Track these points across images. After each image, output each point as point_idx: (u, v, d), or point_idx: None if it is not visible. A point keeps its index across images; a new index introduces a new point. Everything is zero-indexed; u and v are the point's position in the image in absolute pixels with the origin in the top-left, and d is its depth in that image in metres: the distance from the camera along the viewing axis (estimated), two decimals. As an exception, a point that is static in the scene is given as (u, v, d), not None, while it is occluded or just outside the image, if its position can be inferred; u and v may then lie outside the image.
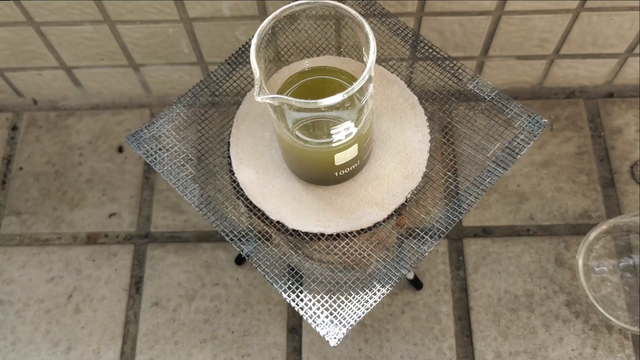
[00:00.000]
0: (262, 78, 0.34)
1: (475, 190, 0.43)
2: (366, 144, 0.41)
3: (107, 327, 0.67)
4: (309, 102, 0.33)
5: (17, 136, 0.79)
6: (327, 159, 0.39)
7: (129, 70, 0.73)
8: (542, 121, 0.45)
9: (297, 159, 0.41)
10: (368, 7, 0.50)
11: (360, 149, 0.40)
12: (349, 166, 0.41)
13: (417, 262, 0.41)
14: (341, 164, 0.40)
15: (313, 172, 0.43)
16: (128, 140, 0.46)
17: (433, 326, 0.65)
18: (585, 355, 0.63)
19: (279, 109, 0.36)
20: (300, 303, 0.41)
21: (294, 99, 0.33)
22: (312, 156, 0.40)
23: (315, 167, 0.41)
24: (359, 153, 0.41)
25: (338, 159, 0.40)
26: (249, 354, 0.65)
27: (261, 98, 0.33)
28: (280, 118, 0.37)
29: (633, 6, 0.63)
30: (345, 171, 0.42)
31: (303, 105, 0.33)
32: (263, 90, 0.33)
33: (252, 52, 0.34)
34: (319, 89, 0.41)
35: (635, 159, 0.73)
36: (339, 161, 0.40)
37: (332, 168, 0.41)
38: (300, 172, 0.44)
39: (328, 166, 0.40)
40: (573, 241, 0.69)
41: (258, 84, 0.33)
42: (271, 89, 0.37)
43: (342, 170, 0.41)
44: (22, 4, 0.62)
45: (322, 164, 0.40)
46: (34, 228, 0.73)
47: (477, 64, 0.73)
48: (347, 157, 0.40)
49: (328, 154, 0.39)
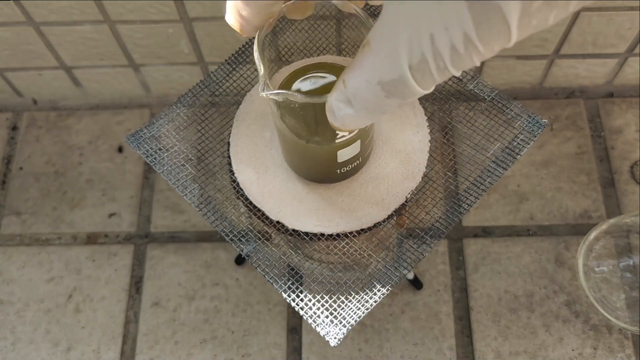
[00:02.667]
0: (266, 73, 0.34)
1: (475, 190, 0.43)
2: (368, 140, 0.41)
3: (107, 327, 0.67)
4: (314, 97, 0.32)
5: (17, 136, 0.79)
6: (330, 155, 0.39)
7: (129, 70, 0.73)
8: (542, 121, 0.45)
9: (299, 156, 0.41)
10: (368, 7, 0.50)
11: (363, 145, 0.40)
12: (351, 163, 0.41)
13: (417, 262, 0.41)
14: (344, 160, 0.40)
15: (315, 169, 0.43)
16: (128, 140, 0.46)
17: (433, 326, 0.65)
18: (585, 355, 0.63)
19: (282, 104, 0.36)
20: (300, 303, 0.40)
21: (299, 94, 0.33)
22: (314, 153, 0.39)
23: (317, 164, 0.41)
24: (362, 149, 0.40)
25: (341, 155, 0.39)
26: (249, 354, 0.65)
27: (265, 93, 0.33)
28: (283, 115, 0.37)
29: (633, 6, 0.63)
30: (348, 168, 0.42)
31: (308, 100, 0.33)
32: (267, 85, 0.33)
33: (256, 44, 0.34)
34: (322, 85, 0.41)
35: (635, 159, 0.73)
36: (341, 158, 0.40)
37: (335, 165, 0.41)
38: (301, 171, 0.44)
39: (330, 163, 0.40)
40: (573, 241, 0.69)
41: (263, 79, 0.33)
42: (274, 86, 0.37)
43: (344, 167, 0.41)
44: (22, 4, 0.62)
45: (324, 161, 0.40)
46: (34, 228, 0.73)
47: (477, 64, 0.73)
48: (350, 154, 0.40)
49: (331, 150, 0.39)
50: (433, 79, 0.24)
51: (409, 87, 0.25)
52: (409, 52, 0.23)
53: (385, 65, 0.25)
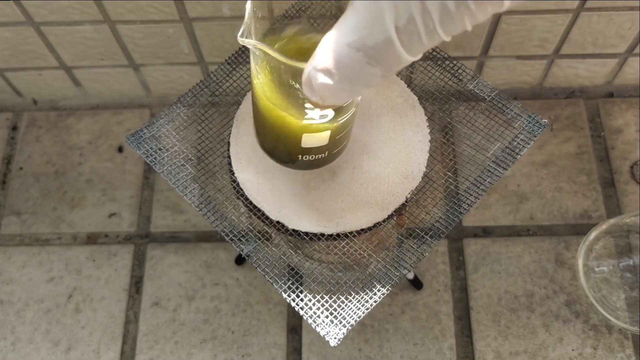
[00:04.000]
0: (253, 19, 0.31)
1: (475, 190, 0.43)
2: (340, 136, 0.38)
3: (107, 327, 0.67)
4: (289, 59, 0.29)
5: (17, 136, 0.79)
6: (294, 135, 0.37)
7: (129, 70, 0.73)
8: (542, 121, 0.45)
9: (266, 123, 0.38)
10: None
11: (332, 139, 0.38)
12: (316, 154, 0.39)
13: (417, 262, 0.41)
14: (307, 147, 0.38)
15: (278, 146, 0.40)
16: (128, 140, 0.46)
17: (433, 326, 0.65)
18: (585, 355, 0.63)
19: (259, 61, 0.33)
20: (300, 303, 0.40)
21: (275, 52, 0.29)
22: (281, 127, 0.36)
23: (280, 141, 0.39)
24: (330, 143, 0.38)
25: (305, 140, 0.37)
26: (249, 354, 0.65)
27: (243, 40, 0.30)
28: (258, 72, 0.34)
29: (633, 6, 0.63)
30: (311, 157, 0.39)
31: (283, 60, 0.29)
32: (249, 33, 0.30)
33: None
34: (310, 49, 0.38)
35: (635, 159, 0.73)
36: (305, 143, 0.37)
37: (298, 149, 0.38)
38: (265, 143, 0.41)
39: (293, 145, 0.38)
40: (573, 241, 0.69)
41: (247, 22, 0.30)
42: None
43: (307, 155, 0.39)
44: (22, 4, 0.62)
45: (288, 139, 0.37)
46: (34, 228, 0.73)
47: (477, 64, 0.73)
48: (315, 143, 0.37)
49: (296, 130, 0.36)
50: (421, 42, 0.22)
51: (395, 51, 0.22)
52: (395, 11, 0.21)
53: (370, 26, 0.22)
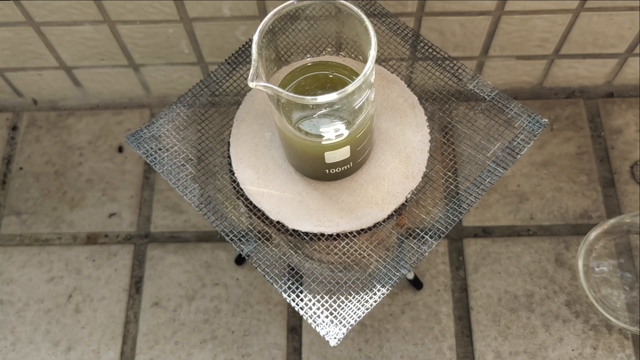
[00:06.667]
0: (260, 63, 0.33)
1: (475, 190, 0.43)
2: (361, 147, 0.40)
3: (107, 327, 0.67)
4: (298, 97, 0.32)
5: (17, 136, 0.79)
6: (317, 155, 0.39)
7: (129, 70, 0.73)
8: (542, 121, 0.45)
9: (291, 148, 0.41)
10: (368, 7, 0.50)
11: (353, 152, 0.40)
12: (341, 166, 0.41)
13: (417, 262, 0.41)
14: (331, 162, 0.40)
15: (305, 164, 0.42)
16: (128, 140, 0.46)
17: (433, 326, 0.65)
18: (585, 355, 0.63)
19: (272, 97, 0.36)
20: (300, 303, 0.41)
21: (285, 92, 0.32)
22: (303, 148, 0.39)
23: (306, 160, 0.41)
24: (352, 155, 0.40)
25: (329, 157, 0.39)
26: (249, 354, 0.65)
27: (255, 84, 0.32)
28: (276, 107, 0.37)
29: (633, 6, 0.63)
30: (337, 170, 0.41)
31: (292, 99, 0.32)
32: (259, 76, 0.33)
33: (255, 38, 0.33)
34: (322, 83, 0.41)
35: (635, 159, 0.73)
36: (329, 159, 0.40)
37: (323, 165, 0.40)
38: (294, 163, 0.43)
39: (318, 162, 0.40)
40: (573, 241, 0.69)
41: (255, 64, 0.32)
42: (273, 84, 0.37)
43: (332, 169, 0.41)
44: (22, 4, 0.62)
45: (312, 158, 0.40)
46: (34, 228, 0.73)
47: (477, 64, 0.73)
48: (338, 157, 0.40)
49: (318, 150, 0.38)
50: None
51: None
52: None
53: None
